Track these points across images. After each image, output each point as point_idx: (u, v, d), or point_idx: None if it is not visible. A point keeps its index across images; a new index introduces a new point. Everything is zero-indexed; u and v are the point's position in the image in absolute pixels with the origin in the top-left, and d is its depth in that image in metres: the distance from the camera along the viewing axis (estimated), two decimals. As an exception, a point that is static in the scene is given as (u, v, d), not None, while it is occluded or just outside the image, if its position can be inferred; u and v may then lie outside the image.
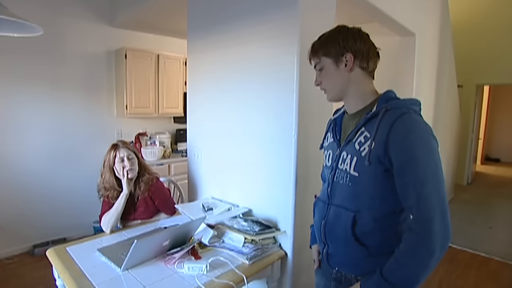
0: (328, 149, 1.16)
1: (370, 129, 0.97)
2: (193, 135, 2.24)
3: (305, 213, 1.67)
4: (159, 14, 3.04)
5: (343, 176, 1.04)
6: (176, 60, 3.80)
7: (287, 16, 1.55)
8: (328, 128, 1.21)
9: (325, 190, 1.14)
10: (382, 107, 0.97)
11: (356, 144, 1.01)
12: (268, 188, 1.72)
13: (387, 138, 0.91)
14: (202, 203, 1.91)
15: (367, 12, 2.48)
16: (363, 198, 1.00)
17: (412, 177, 0.89)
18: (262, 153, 1.74)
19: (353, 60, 1.02)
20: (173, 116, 4.10)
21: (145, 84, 3.58)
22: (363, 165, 0.98)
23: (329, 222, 1.09)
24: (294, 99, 1.55)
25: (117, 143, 1.83)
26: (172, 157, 3.73)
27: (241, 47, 1.81)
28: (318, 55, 1.07)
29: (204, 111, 2.12)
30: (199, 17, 2.08)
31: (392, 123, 0.91)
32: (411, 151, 0.89)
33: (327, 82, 1.07)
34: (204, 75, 2.10)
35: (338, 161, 1.07)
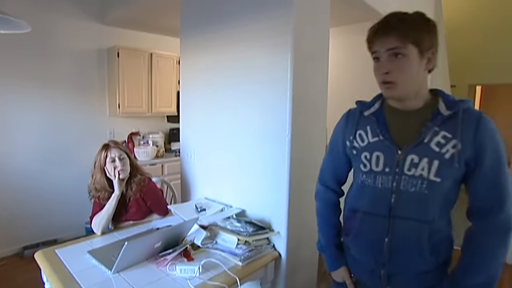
0: (373, 151, 0.98)
1: (448, 129, 0.89)
2: (186, 135, 2.22)
3: (299, 214, 1.67)
4: (152, 12, 3.01)
5: (415, 184, 0.91)
6: (169, 59, 3.76)
7: (281, 15, 1.54)
8: (357, 124, 1.03)
9: (379, 201, 0.97)
10: (458, 107, 0.90)
11: (433, 146, 0.90)
12: (261, 189, 1.71)
13: (475, 138, 0.88)
14: (195, 204, 1.90)
15: (362, 12, 2.49)
16: (437, 205, 0.92)
17: (498, 177, 0.89)
18: (256, 153, 1.73)
19: (433, 58, 0.91)
20: (166, 115, 4.06)
21: (138, 83, 3.54)
22: (447, 168, 0.89)
23: (397, 240, 0.95)
24: (287, 99, 1.54)
25: (108, 143, 1.80)
26: (165, 156, 3.70)
27: (234, 46, 1.79)
28: (404, 39, 0.86)
29: (197, 110, 2.10)
30: (192, 16, 2.06)
31: (477, 123, 0.88)
32: (498, 151, 0.89)
33: (402, 74, 0.88)
34: (197, 74, 2.07)
35: (403, 166, 0.92)
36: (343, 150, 1.10)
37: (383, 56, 0.90)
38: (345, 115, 1.11)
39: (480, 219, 0.93)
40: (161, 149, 3.70)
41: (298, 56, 1.55)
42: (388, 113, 1.00)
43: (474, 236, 0.94)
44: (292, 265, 1.65)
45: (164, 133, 4.02)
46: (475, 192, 0.92)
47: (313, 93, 1.71)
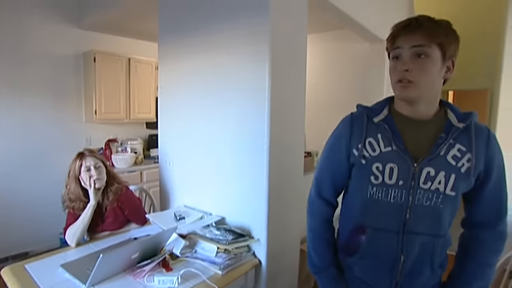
0: (386, 162, 0.90)
1: (462, 142, 0.88)
2: (164, 142, 2.19)
3: (279, 220, 1.68)
4: (130, 16, 2.97)
5: (430, 198, 0.88)
6: (148, 65, 3.71)
7: (259, 23, 1.55)
8: (366, 132, 0.95)
9: (391, 216, 0.91)
10: (469, 119, 0.90)
11: (449, 159, 0.87)
12: (241, 196, 1.71)
13: (487, 153, 0.89)
14: (174, 212, 1.87)
15: (338, 19, 2.55)
16: (449, 218, 0.92)
17: (501, 191, 0.93)
18: (235, 161, 1.72)
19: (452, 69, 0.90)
20: (145, 122, 4.00)
21: (116, 88, 3.47)
22: (462, 183, 0.88)
23: (411, 257, 0.90)
24: (266, 106, 1.55)
25: (83, 151, 1.75)
26: (144, 163, 3.63)
27: (213, 53, 1.79)
28: (432, 39, 0.83)
29: (176, 117, 2.08)
30: (170, 21, 2.05)
31: (488, 138, 0.90)
32: (501, 167, 0.93)
33: (423, 74, 0.84)
34: (176, 81, 2.06)
35: (419, 179, 0.88)
36: (347, 158, 0.98)
37: (405, 53, 0.85)
38: (348, 119, 1.01)
39: (478, 230, 0.96)
40: (139, 156, 3.63)
41: (276, 63, 1.56)
42: (399, 121, 0.93)
43: (472, 245, 0.97)
44: (272, 272, 1.66)
45: (143, 139, 3.95)
46: (478, 205, 0.94)
47: (291, 100, 1.73)
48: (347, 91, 3.37)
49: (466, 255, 0.97)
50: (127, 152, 3.55)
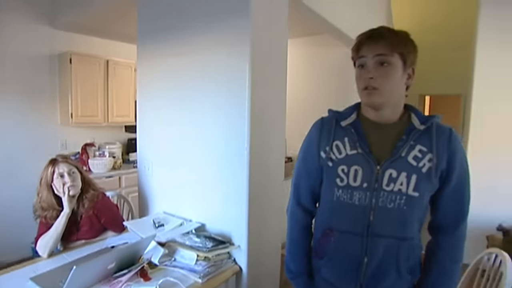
0: (351, 164, 0.93)
1: (423, 142, 0.91)
2: (143, 147, 2.15)
3: (260, 226, 1.67)
4: (107, 17, 2.89)
5: (393, 199, 0.89)
6: (127, 67, 3.63)
7: (239, 26, 1.55)
8: (334, 135, 0.98)
9: (355, 218, 0.93)
10: (431, 121, 0.93)
11: (410, 160, 0.89)
12: (221, 202, 1.69)
13: (448, 152, 0.91)
14: (153, 219, 1.83)
15: (318, 25, 2.59)
16: (415, 221, 0.92)
17: (463, 192, 0.94)
18: (215, 166, 1.71)
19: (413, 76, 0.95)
20: (124, 125, 3.90)
21: (93, 91, 3.37)
22: (424, 183, 0.89)
23: (375, 259, 0.91)
24: (246, 110, 1.54)
25: (56, 157, 1.68)
26: (123, 168, 3.54)
27: (192, 56, 1.77)
28: (394, 49, 0.88)
29: (155, 121, 2.04)
30: (149, 23, 2.01)
31: (449, 137, 0.92)
32: (464, 167, 0.93)
33: (386, 81, 0.89)
34: (155, 84, 2.02)
35: (382, 181, 0.90)
36: (318, 161, 1.01)
37: (369, 62, 0.90)
38: (319, 123, 1.04)
39: (438, 235, 0.98)
40: (118, 161, 3.53)
41: (257, 67, 1.56)
42: (365, 125, 0.97)
43: (432, 251, 0.98)
44: (253, 278, 1.65)
45: (121, 143, 3.85)
46: (440, 206, 0.96)
47: (272, 104, 1.73)
48: (328, 94, 3.43)
49: (427, 261, 0.98)
50: (105, 157, 3.45)
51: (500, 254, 1.32)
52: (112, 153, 3.57)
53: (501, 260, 1.30)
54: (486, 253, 1.42)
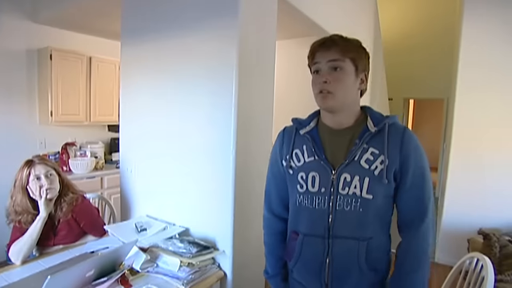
0: (309, 171, 0.98)
1: (375, 145, 0.93)
2: (125, 148, 2.08)
3: (245, 231, 1.65)
4: (91, 13, 2.79)
5: (350, 202, 0.93)
6: (111, 64, 3.53)
7: (227, 27, 1.52)
8: (293, 143, 1.04)
9: (317, 222, 0.97)
10: (384, 122, 0.95)
11: (363, 163, 0.93)
12: (206, 206, 1.66)
13: (401, 153, 0.92)
14: (135, 223, 1.77)
15: (306, 27, 2.59)
16: (374, 222, 0.95)
17: (423, 191, 0.94)
18: (200, 169, 1.67)
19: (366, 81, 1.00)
20: (107, 124, 3.80)
21: (75, 89, 3.26)
22: (377, 185, 0.92)
23: (337, 260, 0.96)
24: (232, 113, 1.52)
25: (32, 159, 1.61)
26: (105, 168, 3.44)
27: (178, 56, 1.73)
28: (345, 54, 0.93)
29: (138, 123, 1.98)
30: (134, 21, 1.95)
31: (402, 137, 0.93)
32: (422, 165, 0.94)
33: (339, 85, 0.93)
34: (139, 83, 1.96)
35: (338, 185, 0.94)
36: (282, 169, 1.08)
37: (323, 67, 0.95)
38: (281, 133, 1.11)
39: (404, 231, 0.99)
40: (100, 161, 3.44)
41: (244, 68, 1.54)
42: (323, 132, 1.01)
43: (401, 250, 0.99)
44: (238, 284, 1.62)
45: (104, 143, 3.75)
46: (401, 205, 0.98)
47: (259, 106, 1.71)
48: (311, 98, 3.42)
49: (398, 256, 1.00)
50: (87, 157, 3.35)
51: (482, 259, 1.34)
52: (94, 153, 3.47)
53: (483, 264, 1.32)
54: (468, 257, 1.44)
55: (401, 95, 6.19)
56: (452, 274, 1.49)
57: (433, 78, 5.74)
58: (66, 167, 3.18)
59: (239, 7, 1.48)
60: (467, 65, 3.01)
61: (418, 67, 5.91)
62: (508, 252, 2.34)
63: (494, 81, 2.91)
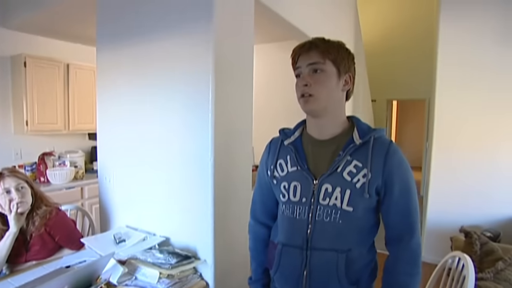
0: (290, 180, 0.98)
1: (359, 158, 0.92)
2: (103, 157, 2.02)
3: (227, 239, 1.62)
4: (67, 18, 2.71)
5: (329, 213, 0.92)
6: (89, 71, 3.44)
7: (202, 31, 1.50)
8: (278, 153, 1.04)
9: (296, 232, 0.97)
10: (370, 135, 0.93)
11: (345, 175, 0.92)
12: (186, 214, 1.63)
13: (384, 168, 0.91)
14: (113, 234, 1.71)
15: (285, 30, 2.59)
16: (353, 234, 0.94)
17: (408, 206, 0.93)
18: (179, 177, 1.64)
19: (350, 83, 0.98)
20: (87, 133, 3.71)
21: (52, 97, 3.17)
22: (358, 198, 0.91)
23: (315, 271, 0.94)
24: (209, 119, 1.50)
25: (2, 171, 1.54)
26: (86, 178, 3.34)
27: (154, 62, 1.70)
28: (325, 56, 0.92)
29: (116, 130, 1.93)
30: (109, 27, 1.90)
31: (386, 152, 0.92)
32: (406, 180, 0.93)
33: (321, 88, 0.92)
34: (115, 90, 1.91)
35: (319, 196, 0.93)
36: (268, 180, 1.07)
37: (304, 70, 0.94)
38: (268, 144, 1.12)
39: (393, 246, 0.97)
40: (80, 170, 3.34)
41: (220, 73, 1.52)
42: (306, 142, 1.01)
43: (389, 266, 0.97)
44: (221, 293, 1.59)
45: (85, 152, 3.65)
46: (387, 220, 0.97)
47: (237, 112, 1.69)
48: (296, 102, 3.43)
49: (384, 277, 0.98)
50: (66, 166, 3.25)
51: (463, 258, 1.35)
52: (74, 162, 3.37)
53: (464, 263, 1.33)
54: (450, 256, 1.45)
55: (384, 96, 6.29)
56: (436, 273, 1.50)
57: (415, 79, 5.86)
58: (43, 177, 3.07)
59: (214, 11, 1.46)
60: (446, 65, 3.08)
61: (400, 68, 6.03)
62: (488, 249, 2.38)
63: (473, 80, 2.98)
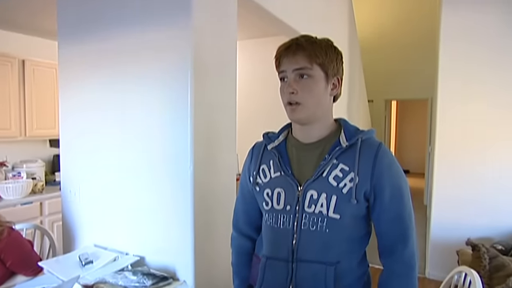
0: (274, 187, 1.00)
1: (346, 161, 0.94)
2: (67, 166, 2.00)
3: (208, 257, 1.63)
4: (21, 6, 2.66)
5: (315, 221, 0.93)
6: (50, 69, 3.38)
7: (179, 27, 1.51)
8: (261, 159, 1.06)
9: (280, 243, 0.98)
10: (357, 137, 0.95)
11: (331, 180, 0.93)
12: (163, 230, 1.63)
13: (373, 171, 0.92)
14: (79, 255, 1.68)
15: (273, 26, 2.63)
16: (341, 244, 0.95)
17: (400, 212, 0.95)
18: (155, 187, 1.64)
19: (339, 86, 1.00)
20: (48, 139, 3.64)
21: (4, 98, 3.09)
22: (345, 204, 0.92)
23: (302, 286, 0.95)
24: (188, 124, 1.51)
25: None
26: (46, 191, 3.26)
27: (126, 59, 1.70)
28: (313, 60, 0.92)
29: (82, 136, 1.91)
30: (73, 19, 1.90)
31: (375, 154, 0.93)
32: (397, 185, 0.95)
33: (309, 95, 0.93)
34: (81, 91, 1.90)
35: (304, 203, 0.95)
36: (249, 186, 1.09)
37: (290, 76, 0.95)
38: (250, 150, 1.14)
39: (386, 258, 0.99)
40: (39, 182, 3.26)
41: (200, 72, 1.54)
42: (291, 145, 1.03)
43: (382, 281, 0.99)
44: (203, 319, 1.58)
45: (45, 161, 3.58)
46: (378, 229, 0.98)
47: (219, 114, 1.71)
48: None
49: None
50: (22, 178, 3.17)
51: (470, 273, 1.39)
52: (32, 174, 3.29)
53: (471, 280, 1.37)
54: (457, 272, 1.49)
55: (382, 96, 6.43)
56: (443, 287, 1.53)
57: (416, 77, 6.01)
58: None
59: (193, 3, 1.48)
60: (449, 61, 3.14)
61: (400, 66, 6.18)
62: (499, 264, 2.39)
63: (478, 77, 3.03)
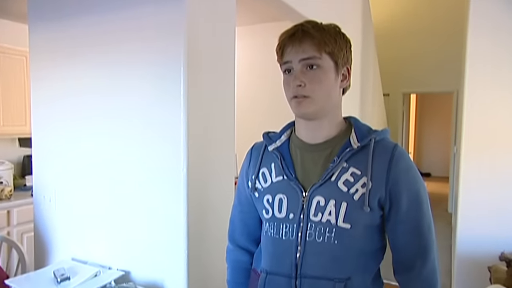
0: (275, 193, 1.01)
1: (358, 164, 0.94)
2: (41, 169, 2.02)
3: (203, 270, 1.65)
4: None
5: (322, 232, 0.93)
6: (20, 57, 3.43)
7: (171, 11, 1.54)
8: (261, 161, 1.07)
9: (282, 256, 0.99)
10: (370, 138, 0.96)
11: (340, 185, 0.94)
12: (151, 242, 1.65)
13: (388, 176, 0.93)
14: (53, 271, 1.70)
15: (279, 10, 2.67)
16: (352, 258, 0.95)
17: (419, 222, 0.96)
18: (143, 192, 1.67)
19: (349, 77, 1.01)
20: (17, 137, 3.69)
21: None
22: (357, 212, 0.92)
23: None
24: (181, 119, 1.53)
25: None
26: (15, 197, 3.30)
27: (108, 50, 1.73)
28: (322, 48, 0.92)
29: (58, 134, 1.94)
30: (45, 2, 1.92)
31: (391, 157, 0.94)
32: (416, 190, 0.97)
33: (318, 87, 0.94)
34: (57, 83, 1.92)
35: (309, 211, 0.95)
36: (249, 193, 1.10)
37: (296, 67, 0.95)
38: (249, 151, 1.15)
39: (402, 275, 1.00)
40: (7, 188, 3.30)
41: (194, 63, 1.56)
42: (295, 146, 1.04)
43: None
44: None
45: (14, 162, 3.64)
46: (394, 241, 1.00)
47: (216, 109, 1.74)
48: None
49: None
50: (-13, 183, 3.20)
51: (504, 295, 1.40)
52: (-2, 178, 3.32)
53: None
54: (489, 292, 1.49)
55: (400, 89, 6.47)
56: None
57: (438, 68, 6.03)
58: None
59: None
60: (478, 49, 3.14)
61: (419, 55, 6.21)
62: None
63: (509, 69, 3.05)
